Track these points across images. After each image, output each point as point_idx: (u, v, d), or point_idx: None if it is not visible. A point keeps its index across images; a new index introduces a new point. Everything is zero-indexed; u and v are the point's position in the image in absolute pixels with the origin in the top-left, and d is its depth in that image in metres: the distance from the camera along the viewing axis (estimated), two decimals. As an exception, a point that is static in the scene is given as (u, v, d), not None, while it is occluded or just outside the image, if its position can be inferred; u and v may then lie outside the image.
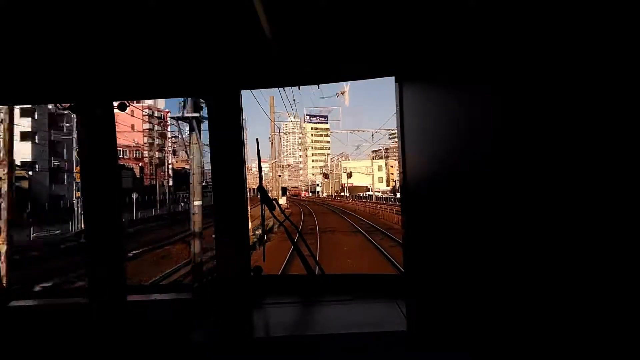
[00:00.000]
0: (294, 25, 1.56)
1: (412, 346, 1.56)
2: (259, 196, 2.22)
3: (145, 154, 58.20)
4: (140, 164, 55.93)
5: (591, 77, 0.63)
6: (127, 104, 2.02)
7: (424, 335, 1.49)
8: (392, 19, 1.51)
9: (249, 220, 2.18)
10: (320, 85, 2.03)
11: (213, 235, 2.18)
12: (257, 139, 2.22)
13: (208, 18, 1.48)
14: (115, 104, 2.19)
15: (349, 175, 70.05)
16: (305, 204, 53.27)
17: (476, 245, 1.05)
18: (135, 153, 57.81)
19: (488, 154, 0.97)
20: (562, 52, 0.70)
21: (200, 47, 1.75)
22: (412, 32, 1.50)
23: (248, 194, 2.37)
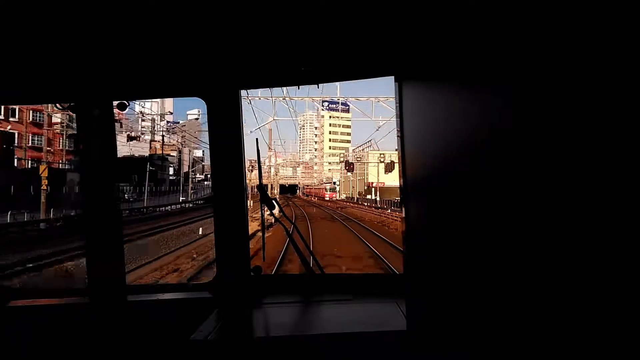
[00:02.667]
0: (293, 24, 1.79)
1: (412, 346, 1.79)
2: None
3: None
4: (17, 130, 39.26)
5: (592, 76, 0.69)
6: (127, 104, 2.34)
7: (424, 335, 1.71)
8: (392, 19, 1.72)
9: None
10: (319, 85, 2.30)
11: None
12: (256, 139, 2.53)
13: (207, 18, 1.71)
14: (115, 103, 2.51)
15: (389, 168, 49.15)
16: (310, 220, 29.44)
17: (476, 245, 1.21)
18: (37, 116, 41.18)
19: (488, 154, 1.13)
20: (563, 52, 0.78)
21: (200, 47, 2.00)
22: (412, 32, 1.70)
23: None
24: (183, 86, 2.46)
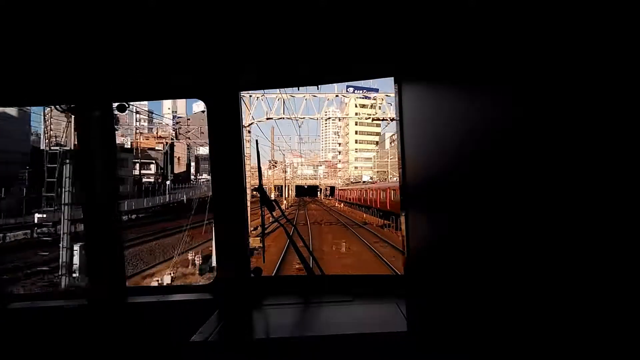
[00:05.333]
0: (293, 25, 2.05)
1: (413, 347, 2.05)
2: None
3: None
4: None
5: (592, 76, 0.77)
6: (127, 106, 2.72)
7: (424, 335, 1.96)
8: (392, 20, 1.96)
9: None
10: (319, 86, 2.65)
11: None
12: (256, 140, 2.90)
13: (207, 20, 1.97)
14: (115, 105, 2.90)
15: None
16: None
17: (477, 246, 1.38)
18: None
19: (488, 154, 1.29)
20: (562, 52, 0.87)
21: (200, 48, 2.31)
22: (412, 32, 1.93)
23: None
24: (183, 88, 2.83)
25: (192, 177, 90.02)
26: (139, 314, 2.88)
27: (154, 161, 71.03)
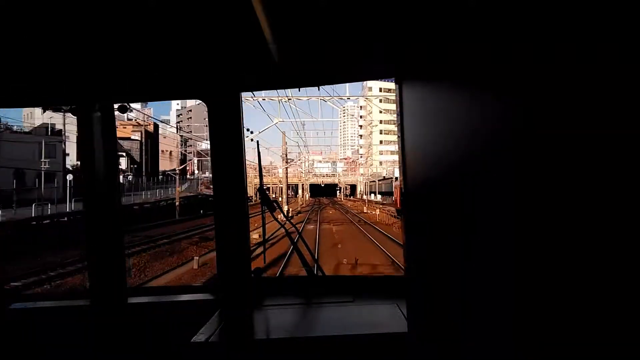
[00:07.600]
0: (293, 26, 2.25)
1: (413, 348, 2.28)
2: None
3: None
4: None
5: (596, 77, 0.80)
6: (128, 106, 3.04)
7: (425, 337, 2.12)
8: (392, 19, 2.15)
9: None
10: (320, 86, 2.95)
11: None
12: (257, 141, 3.24)
13: (208, 20, 2.16)
14: (116, 106, 3.22)
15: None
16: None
17: (478, 246, 1.44)
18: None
19: (489, 154, 1.36)
20: (565, 52, 0.90)
21: (201, 49, 2.54)
22: (412, 32, 2.07)
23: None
24: (184, 88, 3.12)
25: (192, 175, 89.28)
26: (140, 314, 3.19)
27: (124, 154, 66.04)
